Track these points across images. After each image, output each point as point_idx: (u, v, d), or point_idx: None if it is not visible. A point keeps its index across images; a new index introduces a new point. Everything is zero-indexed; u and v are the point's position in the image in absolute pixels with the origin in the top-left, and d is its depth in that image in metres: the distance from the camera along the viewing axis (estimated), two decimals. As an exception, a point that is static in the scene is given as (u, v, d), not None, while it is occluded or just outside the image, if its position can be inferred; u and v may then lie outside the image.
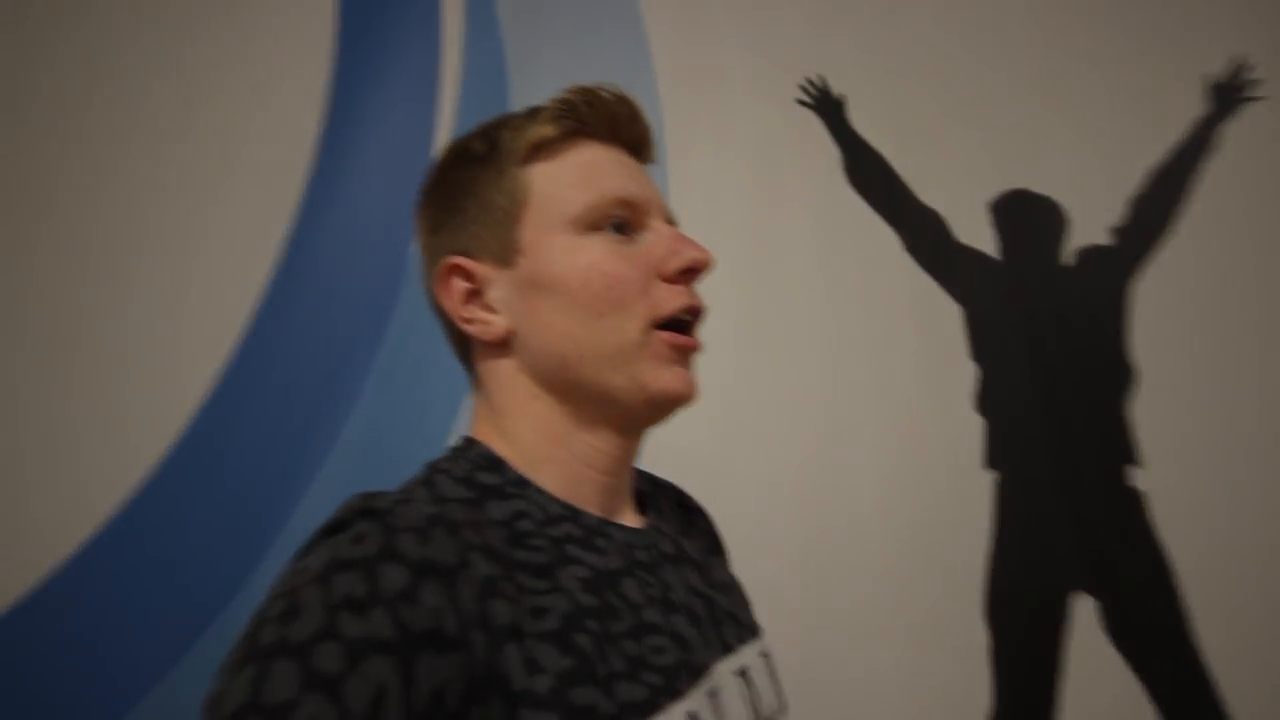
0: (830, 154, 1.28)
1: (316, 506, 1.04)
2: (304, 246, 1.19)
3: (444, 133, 1.31)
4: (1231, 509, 1.14)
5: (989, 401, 1.21)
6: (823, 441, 1.19)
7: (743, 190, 1.25)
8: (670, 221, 0.53)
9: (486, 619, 0.39)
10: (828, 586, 1.14)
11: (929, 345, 1.23)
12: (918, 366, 1.22)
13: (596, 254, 0.49)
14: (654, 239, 0.50)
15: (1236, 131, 1.24)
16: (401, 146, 1.28)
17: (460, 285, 0.51)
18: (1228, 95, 1.25)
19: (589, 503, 0.49)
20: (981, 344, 1.23)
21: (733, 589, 0.58)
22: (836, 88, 1.31)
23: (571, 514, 0.48)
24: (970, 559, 1.17)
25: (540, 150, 0.51)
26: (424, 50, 1.32)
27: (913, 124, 1.29)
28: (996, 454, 1.20)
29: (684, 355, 0.50)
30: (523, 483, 0.48)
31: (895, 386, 1.22)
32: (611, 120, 0.52)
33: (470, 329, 0.51)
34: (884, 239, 1.26)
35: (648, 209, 0.51)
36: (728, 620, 0.53)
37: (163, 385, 1.09)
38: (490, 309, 0.50)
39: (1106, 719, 1.09)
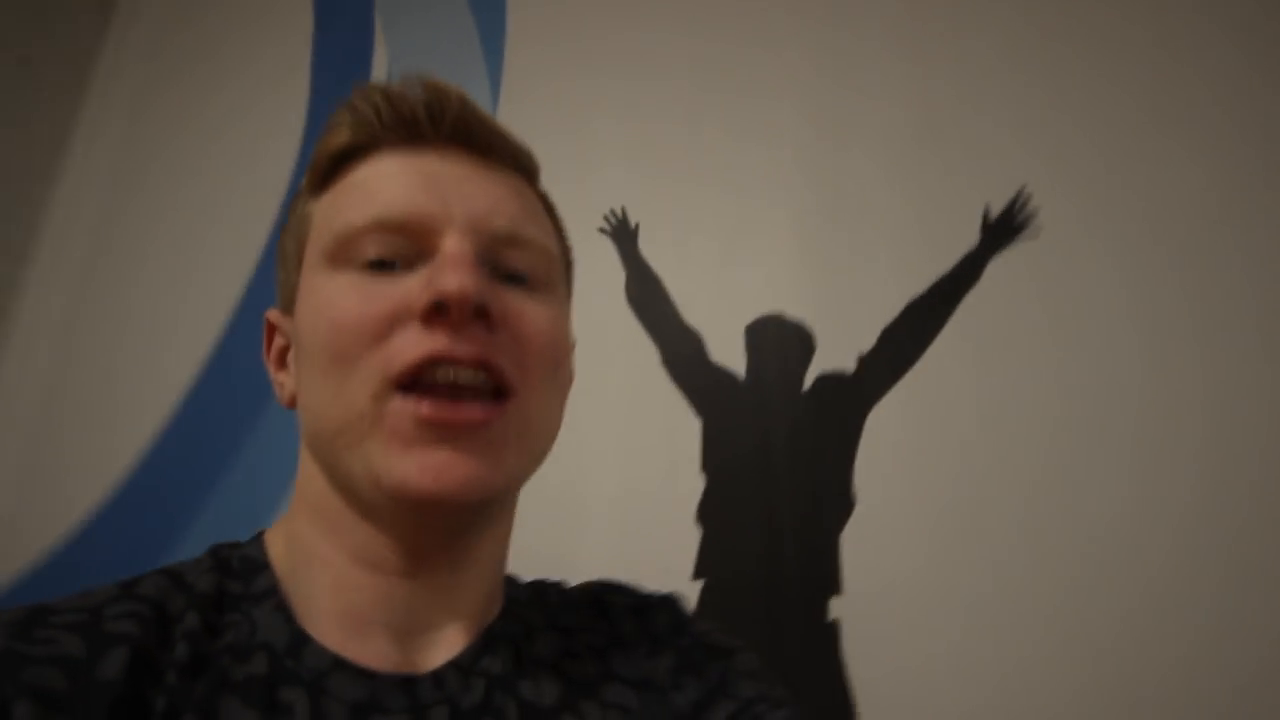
0: (608, 276, 1.42)
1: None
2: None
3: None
4: (918, 648, 1.09)
5: (708, 513, 1.25)
6: (554, 532, 1.29)
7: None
8: (508, 239, 0.41)
9: None
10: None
11: (670, 454, 1.30)
12: (657, 473, 1.30)
13: (331, 293, 0.39)
14: (431, 266, 0.38)
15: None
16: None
17: (277, 342, 0.45)
18: (1002, 228, 1.24)
19: (365, 618, 0.39)
20: (713, 457, 1.28)
21: None
22: (636, 216, 1.46)
23: (271, 649, 0.37)
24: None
25: (331, 174, 0.43)
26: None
27: (694, 253, 1.40)
28: (706, 564, 1.23)
29: (440, 432, 0.36)
30: (258, 599, 0.39)
31: (635, 492, 1.30)
32: (409, 121, 0.41)
33: (276, 392, 0.44)
34: (645, 353, 1.37)
35: (435, 227, 0.39)
36: None
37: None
38: (290, 368, 0.43)
39: None
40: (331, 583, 0.39)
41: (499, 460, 0.38)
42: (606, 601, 0.49)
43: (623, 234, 1.45)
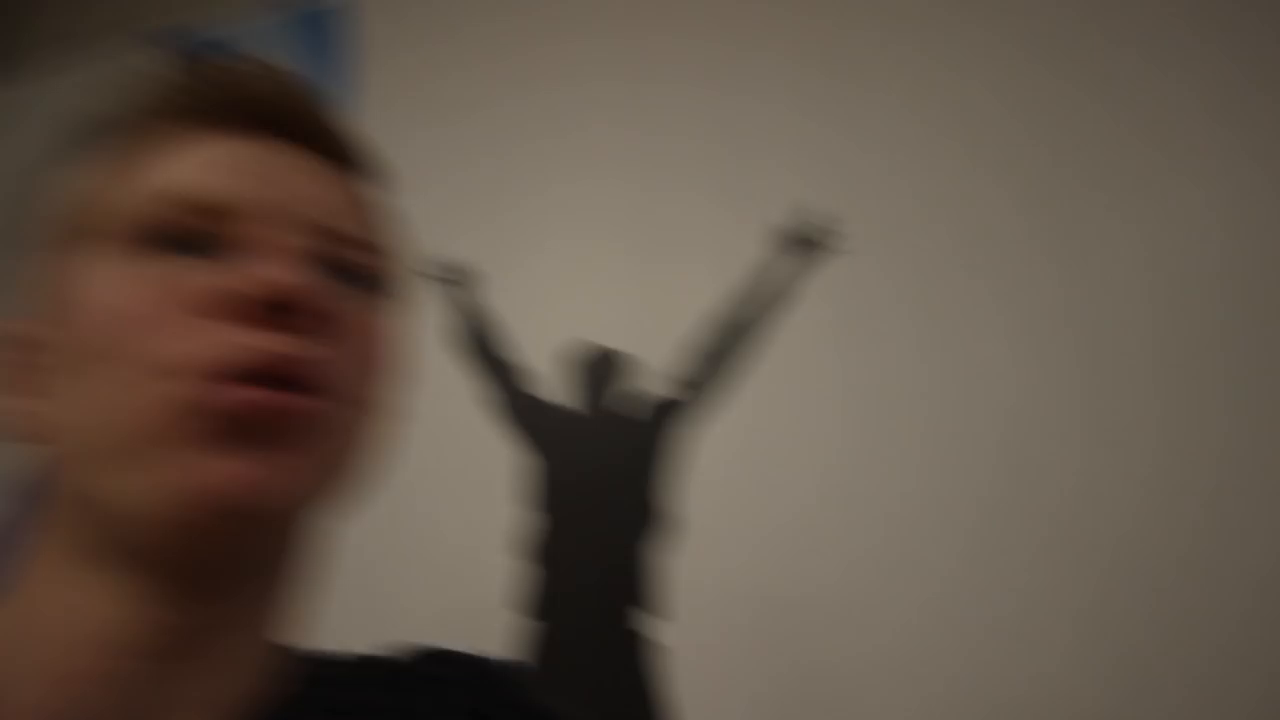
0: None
1: None
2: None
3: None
4: (738, 669, 1.10)
5: (541, 551, 1.26)
6: (393, 585, 1.29)
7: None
8: (347, 240, 0.34)
9: None
10: None
11: (508, 496, 1.32)
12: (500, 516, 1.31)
13: (111, 279, 0.31)
14: (253, 258, 0.31)
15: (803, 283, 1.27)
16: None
17: (10, 358, 0.34)
18: (799, 249, 1.29)
19: (86, 715, 0.30)
20: (544, 494, 1.30)
21: None
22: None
23: None
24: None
25: (123, 149, 0.34)
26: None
27: (538, 293, 1.45)
28: (543, 605, 1.23)
29: (259, 427, 0.29)
30: None
31: (476, 538, 1.31)
32: (238, 102, 0.34)
33: (14, 427, 0.34)
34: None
35: (257, 215, 0.32)
36: None
37: None
38: (38, 392, 0.33)
39: None
40: (48, 674, 0.31)
41: (317, 466, 0.31)
42: (404, 672, 0.40)
43: (455, 282, 1.47)
